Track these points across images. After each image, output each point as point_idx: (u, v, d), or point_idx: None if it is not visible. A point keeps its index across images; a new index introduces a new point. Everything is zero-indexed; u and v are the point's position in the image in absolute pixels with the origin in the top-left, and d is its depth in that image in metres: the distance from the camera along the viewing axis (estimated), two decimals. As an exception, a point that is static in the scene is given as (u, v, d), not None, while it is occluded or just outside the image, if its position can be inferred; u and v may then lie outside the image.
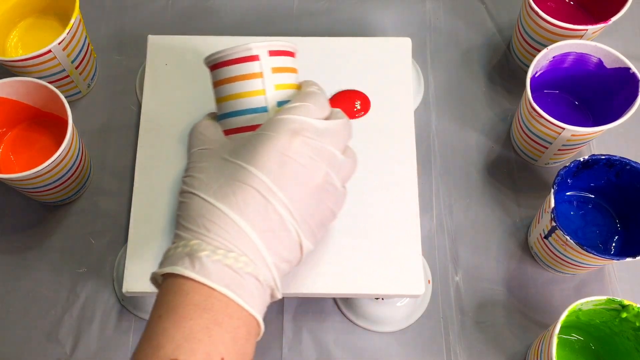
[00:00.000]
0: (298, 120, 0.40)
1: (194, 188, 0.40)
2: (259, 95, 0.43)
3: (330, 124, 0.42)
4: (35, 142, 0.59)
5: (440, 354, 0.55)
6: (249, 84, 0.43)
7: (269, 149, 0.39)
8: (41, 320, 0.55)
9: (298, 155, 0.39)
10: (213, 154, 0.42)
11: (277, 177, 0.39)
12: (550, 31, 0.58)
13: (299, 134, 0.40)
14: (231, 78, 0.43)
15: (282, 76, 0.43)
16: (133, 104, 0.63)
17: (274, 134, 0.39)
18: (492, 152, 0.62)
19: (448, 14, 0.68)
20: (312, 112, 0.41)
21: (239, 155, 0.40)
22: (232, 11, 0.68)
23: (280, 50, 0.44)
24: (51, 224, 0.59)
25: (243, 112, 0.43)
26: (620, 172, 0.53)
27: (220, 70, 0.44)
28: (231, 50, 0.43)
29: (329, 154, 0.41)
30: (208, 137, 0.43)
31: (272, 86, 0.43)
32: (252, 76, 0.43)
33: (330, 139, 0.41)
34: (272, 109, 0.43)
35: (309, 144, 0.40)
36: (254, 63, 0.42)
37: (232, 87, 0.43)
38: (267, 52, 0.43)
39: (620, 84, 0.56)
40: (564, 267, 0.55)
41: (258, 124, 0.42)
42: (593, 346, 0.53)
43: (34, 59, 0.55)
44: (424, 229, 0.58)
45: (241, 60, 0.43)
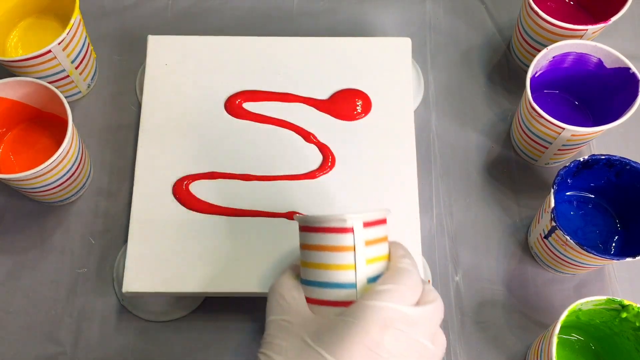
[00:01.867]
0: (390, 309, 0.36)
1: None
2: (349, 270, 0.39)
3: (423, 311, 0.38)
4: (35, 142, 0.59)
5: (440, 354, 0.55)
6: (339, 256, 0.39)
7: (356, 342, 0.35)
8: (41, 320, 0.55)
9: (388, 352, 0.36)
10: (294, 330, 0.38)
11: None
12: (550, 31, 0.58)
13: (391, 326, 0.36)
14: (321, 246, 0.39)
15: (374, 248, 0.40)
16: (133, 104, 0.63)
17: (363, 324, 0.36)
18: (492, 152, 0.62)
19: (448, 14, 0.68)
20: (405, 297, 0.37)
21: (323, 342, 0.36)
22: (232, 11, 0.68)
23: (374, 221, 0.40)
24: (51, 224, 0.59)
25: (330, 285, 0.39)
26: (620, 172, 0.53)
27: (310, 235, 0.40)
28: (325, 218, 0.39)
29: (420, 346, 0.37)
30: (289, 305, 0.40)
31: (363, 261, 0.39)
32: (344, 249, 0.39)
33: (422, 328, 0.37)
34: (362, 287, 0.39)
35: (400, 339, 0.36)
36: (347, 235, 0.39)
37: (321, 256, 0.39)
38: (361, 224, 0.39)
39: (620, 84, 0.56)
40: (564, 267, 0.55)
41: (345, 300, 0.38)
42: (593, 346, 0.53)
43: (34, 59, 0.55)
44: (424, 229, 0.58)
45: (334, 230, 0.39)
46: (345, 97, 0.58)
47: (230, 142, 0.56)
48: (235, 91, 0.58)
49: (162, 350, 0.54)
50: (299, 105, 0.57)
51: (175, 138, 0.56)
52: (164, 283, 0.51)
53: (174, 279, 0.51)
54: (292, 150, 0.56)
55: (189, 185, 0.54)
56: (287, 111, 0.57)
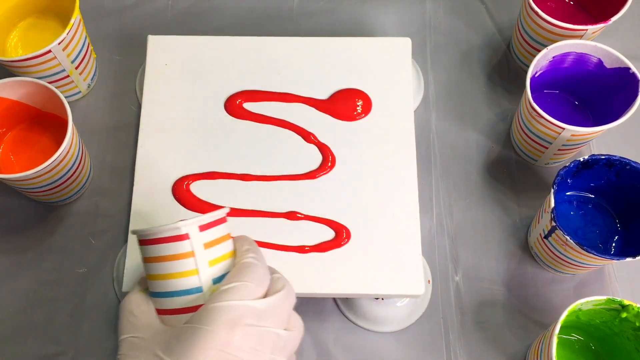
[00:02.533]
0: (236, 306, 0.36)
1: None
2: (192, 275, 0.39)
3: (271, 301, 0.38)
4: (35, 142, 0.59)
5: (440, 354, 0.55)
6: (180, 264, 0.39)
7: (206, 346, 0.35)
8: (41, 320, 0.55)
9: (239, 351, 0.36)
10: (146, 345, 0.38)
11: None
12: (550, 31, 0.58)
13: (239, 324, 0.36)
14: (161, 257, 0.39)
15: (215, 249, 0.40)
16: (133, 104, 0.63)
17: (211, 328, 0.36)
18: (492, 152, 0.62)
19: (448, 14, 0.68)
20: (251, 291, 0.38)
21: (174, 353, 0.36)
22: (232, 11, 0.68)
23: (211, 222, 0.40)
24: (51, 224, 0.59)
25: (177, 294, 0.39)
26: (620, 172, 0.53)
27: (149, 248, 0.40)
28: (159, 229, 0.39)
29: (273, 336, 0.37)
30: (139, 320, 0.39)
31: (205, 264, 0.39)
32: (183, 256, 0.39)
33: (272, 318, 0.38)
34: (208, 288, 0.39)
35: (250, 334, 0.36)
36: (184, 242, 0.39)
37: (162, 267, 0.39)
38: (197, 228, 0.39)
39: (620, 84, 0.56)
40: (564, 267, 0.55)
41: (194, 305, 0.38)
42: (593, 346, 0.53)
43: (34, 59, 0.55)
44: (424, 229, 0.58)
45: (170, 240, 0.39)
46: (345, 97, 0.58)
47: (230, 142, 0.56)
48: (235, 91, 0.58)
49: (162, 350, 0.54)
50: (299, 105, 0.57)
51: (175, 138, 0.56)
52: (164, 283, 0.51)
53: (174, 279, 0.51)
54: (292, 150, 0.56)
55: (189, 185, 0.54)
56: (287, 111, 0.57)
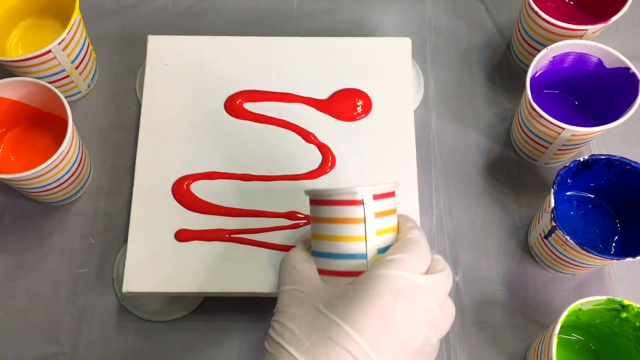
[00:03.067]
0: (400, 277, 0.37)
1: (284, 340, 0.37)
2: (360, 241, 0.40)
3: (432, 279, 0.39)
4: (35, 142, 0.59)
5: (440, 354, 0.55)
6: (350, 228, 0.40)
7: (369, 308, 0.36)
8: (41, 320, 0.55)
9: (400, 319, 0.36)
10: (306, 299, 0.39)
11: (376, 341, 0.36)
12: (550, 31, 0.58)
13: (402, 294, 0.37)
14: (332, 219, 0.41)
15: (383, 220, 0.41)
16: (133, 104, 0.63)
17: (375, 292, 0.37)
18: (492, 152, 0.62)
19: (448, 14, 0.68)
20: (414, 266, 0.38)
21: (336, 310, 0.37)
22: (232, 11, 0.68)
23: (384, 194, 0.41)
24: (51, 224, 0.59)
25: (341, 256, 0.40)
26: (620, 172, 0.53)
27: (321, 208, 0.41)
28: (335, 191, 0.40)
29: (431, 314, 0.38)
30: (301, 275, 0.40)
31: (374, 232, 0.40)
32: (355, 221, 0.40)
33: (431, 296, 0.38)
34: (372, 256, 0.40)
35: (411, 306, 0.37)
36: (357, 207, 0.40)
37: (332, 228, 0.41)
38: (371, 197, 0.40)
39: (620, 84, 0.56)
40: (564, 267, 0.55)
41: (356, 270, 0.39)
42: (593, 346, 0.53)
43: (34, 59, 0.55)
44: (424, 229, 0.58)
45: (345, 203, 0.40)
46: (345, 97, 0.58)
47: (230, 142, 0.56)
48: (235, 91, 0.58)
49: (162, 350, 0.54)
50: (299, 105, 0.57)
51: (175, 138, 0.56)
52: (164, 283, 0.51)
53: (174, 279, 0.51)
54: (292, 150, 0.56)
55: (189, 185, 0.54)
56: (287, 111, 0.57)
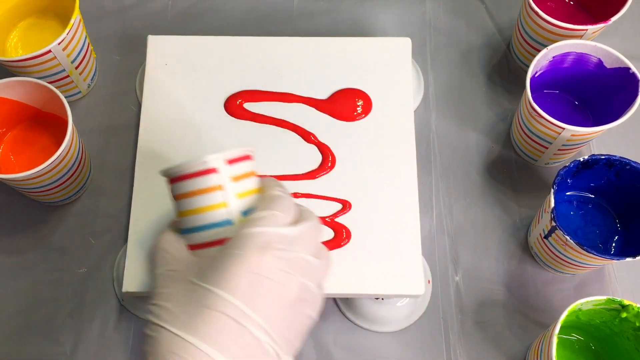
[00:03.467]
0: (266, 232, 0.37)
1: (162, 320, 0.37)
2: (221, 208, 0.40)
3: (300, 229, 0.39)
4: (35, 142, 0.59)
5: (440, 354, 0.55)
6: (208, 197, 0.40)
7: (239, 268, 0.36)
8: (41, 320, 0.55)
9: (270, 272, 0.36)
10: (179, 276, 0.38)
11: (250, 298, 0.36)
12: (550, 31, 0.58)
13: (269, 248, 0.37)
14: (190, 192, 0.40)
15: (242, 184, 0.41)
16: (133, 104, 0.63)
17: (242, 252, 0.36)
18: (492, 152, 0.62)
19: (448, 14, 0.68)
20: (279, 219, 0.38)
21: (207, 278, 0.36)
22: (232, 11, 0.68)
23: (238, 157, 0.41)
24: (51, 224, 0.59)
25: (206, 227, 0.40)
26: (620, 172, 0.53)
27: (178, 184, 0.41)
28: (187, 165, 0.40)
29: (303, 262, 0.38)
30: (172, 256, 0.40)
31: (233, 196, 0.40)
32: (211, 189, 0.40)
33: (302, 245, 0.38)
34: (237, 221, 0.39)
35: (281, 257, 0.37)
36: (211, 176, 0.40)
37: (191, 202, 0.40)
38: (224, 162, 0.40)
39: (620, 84, 0.56)
40: (564, 267, 0.55)
41: (224, 237, 0.39)
42: (593, 346, 0.53)
43: (34, 59, 0.55)
44: (424, 229, 0.58)
45: (198, 174, 0.40)
46: (345, 97, 0.58)
47: (230, 142, 0.56)
48: (235, 91, 0.58)
49: (162, 350, 0.54)
50: (299, 105, 0.57)
51: (175, 138, 0.56)
52: (164, 283, 0.51)
53: (174, 279, 0.51)
54: (292, 150, 0.56)
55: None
56: (287, 111, 0.57)
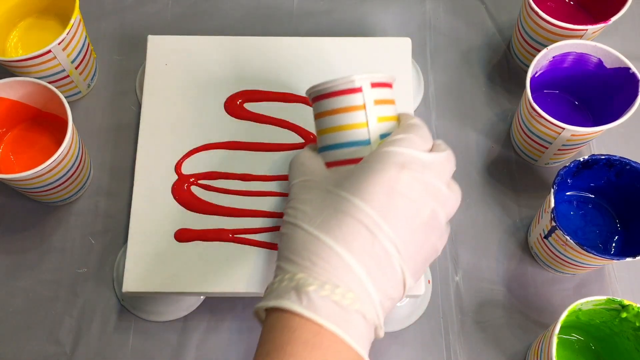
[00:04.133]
0: (404, 152, 0.38)
1: (298, 219, 0.38)
2: (362, 127, 0.41)
3: (435, 156, 0.40)
4: (35, 142, 0.59)
5: (440, 354, 0.55)
6: (352, 116, 0.42)
7: (376, 181, 0.37)
8: (41, 320, 0.55)
9: (406, 189, 0.37)
10: (316, 185, 0.40)
11: (385, 210, 0.37)
12: (550, 31, 0.58)
13: (407, 168, 0.38)
14: (334, 110, 0.42)
15: (383, 108, 0.42)
16: (133, 104, 0.63)
17: (381, 166, 0.38)
18: (492, 152, 0.62)
19: (448, 14, 0.68)
20: (417, 144, 0.39)
21: (344, 187, 0.38)
22: (232, 11, 0.68)
23: (381, 82, 0.43)
24: (51, 224, 0.59)
25: (346, 145, 0.42)
26: (620, 172, 0.53)
27: (323, 102, 0.43)
28: (334, 82, 0.42)
29: (435, 188, 0.39)
30: (309, 168, 0.42)
31: (374, 118, 0.42)
32: (355, 108, 0.42)
33: (435, 172, 0.39)
34: (375, 142, 0.41)
35: (417, 178, 0.38)
36: (356, 95, 0.42)
37: (334, 119, 0.42)
38: (369, 84, 0.42)
39: (620, 84, 0.56)
40: (564, 267, 0.55)
41: (361, 156, 0.41)
42: (593, 346, 0.53)
43: (34, 59, 0.55)
44: (424, 229, 0.58)
45: (344, 92, 0.42)
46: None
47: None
48: (235, 91, 0.58)
49: (162, 350, 0.54)
50: (299, 105, 0.57)
51: (175, 138, 0.56)
52: (164, 283, 0.51)
53: (174, 279, 0.51)
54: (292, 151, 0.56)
55: (189, 185, 0.54)
56: (287, 111, 0.57)
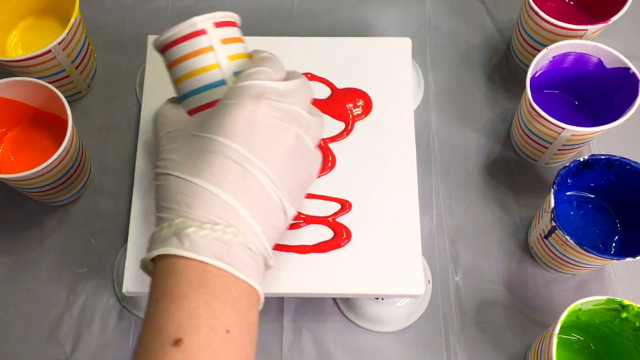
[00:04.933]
0: (259, 84, 0.40)
1: (168, 169, 0.40)
2: (214, 69, 0.42)
3: (290, 84, 0.41)
4: (35, 142, 0.59)
5: (440, 354, 0.55)
6: (201, 59, 0.42)
7: (236, 116, 0.39)
8: (41, 320, 0.55)
9: (266, 118, 0.39)
10: (181, 133, 0.41)
11: (249, 142, 0.38)
12: (550, 31, 0.58)
13: (263, 98, 0.39)
14: (183, 57, 0.42)
15: (232, 46, 0.43)
16: (133, 104, 0.63)
17: (238, 101, 0.39)
18: (492, 152, 0.62)
19: (448, 14, 0.68)
20: (270, 75, 0.41)
21: (207, 128, 0.39)
22: (232, 11, 0.68)
23: (225, 22, 0.43)
24: (51, 224, 0.59)
25: (202, 89, 0.42)
26: (620, 172, 0.53)
27: (171, 51, 0.43)
28: (177, 29, 0.42)
29: (296, 114, 0.40)
30: (172, 119, 0.43)
31: (225, 57, 0.42)
32: (203, 51, 0.42)
33: (293, 99, 0.41)
34: (230, 81, 0.42)
35: (275, 106, 0.39)
36: (201, 37, 0.42)
37: (185, 66, 0.42)
38: (212, 25, 0.42)
39: (620, 84, 0.56)
40: (564, 267, 0.55)
41: (219, 98, 0.41)
42: (593, 346, 0.53)
43: (34, 59, 0.55)
44: (424, 229, 0.58)
45: (189, 37, 0.42)
46: (345, 97, 0.58)
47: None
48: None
49: (162, 350, 0.54)
50: (299, 105, 0.57)
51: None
52: (164, 283, 0.51)
53: (174, 279, 0.51)
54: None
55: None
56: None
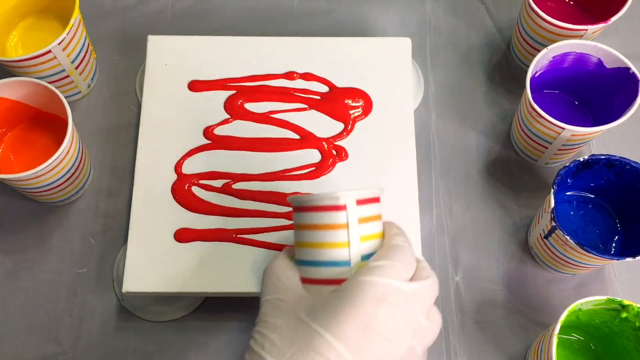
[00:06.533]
0: (384, 284, 0.36)
1: (264, 350, 0.36)
2: (343, 247, 0.39)
3: (417, 286, 0.38)
4: (35, 142, 0.59)
5: (440, 354, 0.55)
6: (333, 234, 0.39)
7: (352, 316, 0.35)
8: (41, 320, 0.55)
9: (383, 327, 0.35)
10: (288, 308, 0.38)
11: (358, 349, 0.35)
12: (550, 31, 0.58)
13: (385, 301, 0.36)
14: (315, 225, 0.40)
15: (367, 226, 0.40)
16: (133, 104, 0.63)
17: (358, 299, 0.36)
18: (492, 152, 0.62)
19: (448, 14, 0.68)
20: (399, 272, 0.37)
21: (317, 318, 0.36)
22: (232, 11, 0.68)
23: (367, 199, 0.40)
24: (51, 224, 0.59)
25: (324, 264, 0.39)
26: (620, 172, 0.53)
27: (304, 215, 0.40)
28: (317, 197, 0.39)
29: (415, 322, 0.37)
30: (284, 284, 0.40)
31: (357, 238, 0.39)
32: (337, 227, 0.39)
33: (416, 304, 0.37)
34: (356, 264, 0.39)
35: (395, 314, 0.36)
36: (340, 213, 0.39)
37: (314, 235, 0.40)
38: (354, 202, 0.39)
39: (620, 84, 0.56)
40: (564, 267, 0.55)
41: (339, 278, 0.38)
42: (593, 346, 0.53)
43: (34, 59, 0.55)
44: (424, 229, 0.58)
45: (327, 209, 0.39)
46: (346, 97, 0.58)
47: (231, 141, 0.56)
48: (235, 91, 0.58)
49: (162, 350, 0.54)
50: (299, 105, 0.57)
51: (175, 138, 0.56)
52: (164, 283, 0.51)
53: (174, 279, 0.51)
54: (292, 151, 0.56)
55: (189, 185, 0.54)
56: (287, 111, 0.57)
